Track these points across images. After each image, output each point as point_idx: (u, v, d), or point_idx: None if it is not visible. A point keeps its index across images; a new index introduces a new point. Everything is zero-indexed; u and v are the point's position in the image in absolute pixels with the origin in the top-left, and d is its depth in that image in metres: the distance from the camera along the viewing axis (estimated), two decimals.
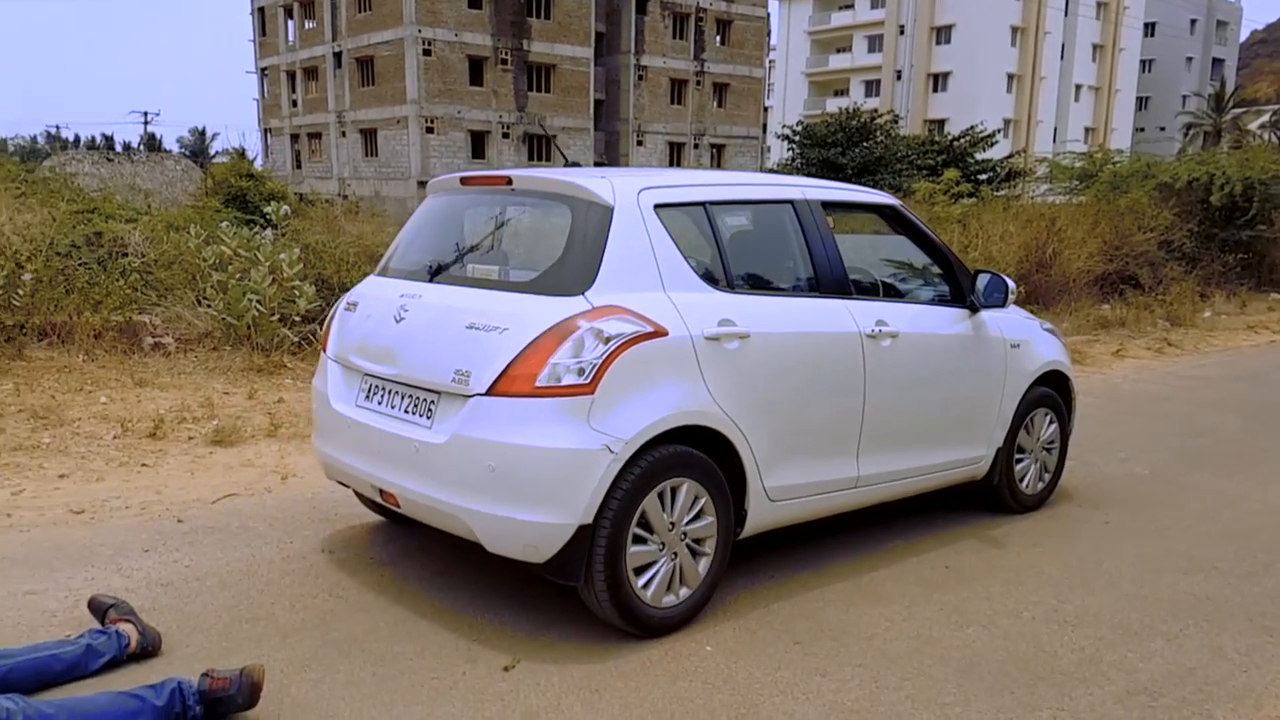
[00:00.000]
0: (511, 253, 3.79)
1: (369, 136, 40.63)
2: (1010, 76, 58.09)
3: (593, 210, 3.30)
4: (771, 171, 48.44)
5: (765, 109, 52.08)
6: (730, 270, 3.57)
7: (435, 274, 3.65)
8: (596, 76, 42.58)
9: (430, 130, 38.01)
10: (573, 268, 3.25)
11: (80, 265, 8.71)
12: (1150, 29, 67.44)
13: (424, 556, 3.98)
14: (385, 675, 2.96)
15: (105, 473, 4.93)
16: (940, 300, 4.44)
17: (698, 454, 3.30)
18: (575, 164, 38.10)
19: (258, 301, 7.63)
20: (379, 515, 4.34)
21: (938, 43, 58.70)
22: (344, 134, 41.97)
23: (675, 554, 3.31)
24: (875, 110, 33.32)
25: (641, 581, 3.22)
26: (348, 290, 8.41)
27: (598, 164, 42.60)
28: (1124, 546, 4.35)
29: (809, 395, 3.69)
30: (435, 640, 3.20)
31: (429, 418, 3.27)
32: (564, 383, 3.02)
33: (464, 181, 3.85)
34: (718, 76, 46.38)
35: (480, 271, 3.64)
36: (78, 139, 58.93)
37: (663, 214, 3.40)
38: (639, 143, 44.40)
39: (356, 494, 4.21)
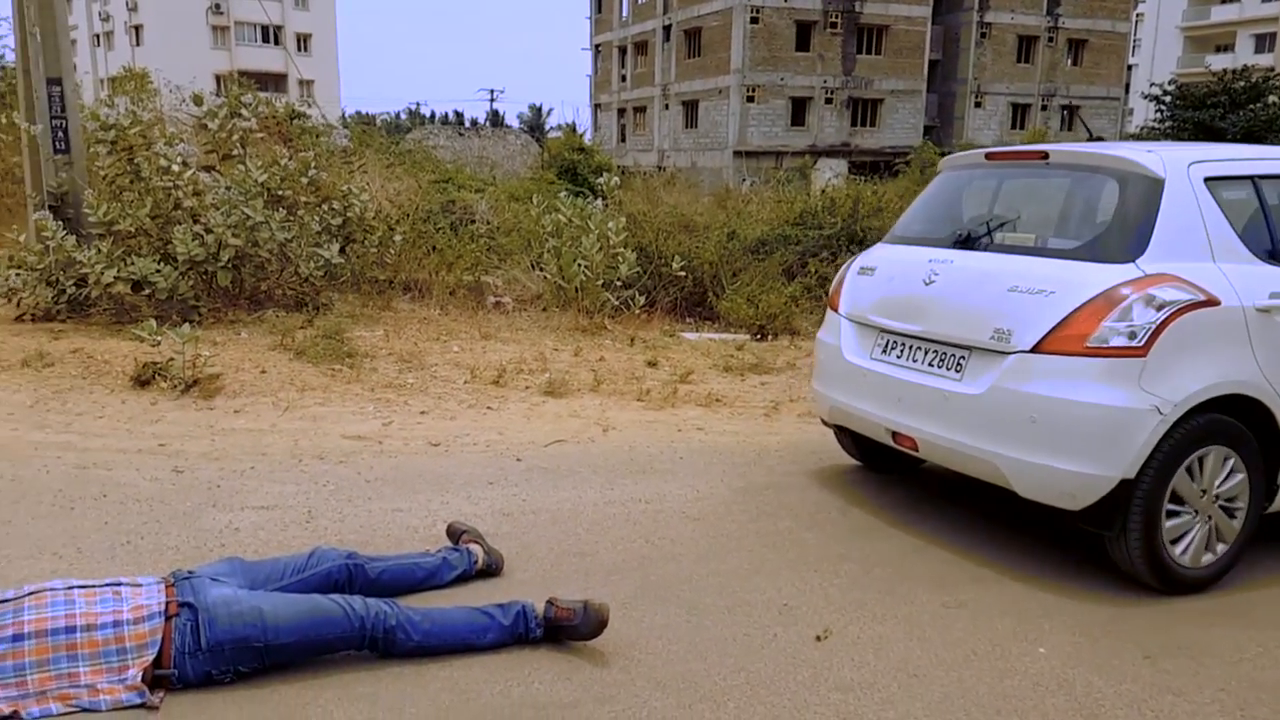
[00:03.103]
0: (1046, 222, 3.95)
1: (690, 108, 41.58)
2: None
3: (1143, 182, 3.44)
4: (1134, 136, 43.31)
5: (1128, 67, 46.73)
6: None
7: (963, 242, 3.92)
8: (933, 35, 40.43)
9: (751, 99, 38.14)
10: (1122, 237, 3.41)
11: (437, 230, 9.78)
12: None
13: (728, 518, 4.03)
14: (698, 625, 3.04)
15: (457, 412, 5.49)
16: None
17: (1237, 423, 3.36)
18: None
19: (585, 267, 8.13)
20: (855, 460, 4.77)
21: None
22: (667, 106, 43.32)
23: (1208, 518, 3.39)
24: (1270, 69, 28.69)
25: (1172, 539, 3.33)
26: (664, 258, 8.82)
27: (928, 128, 40.55)
28: None
29: None
30: (747, 599, 3.23)
31: (958, 371, 3.59)
32: (1112, 344, 3.20)
33: (989, 157, 4.17)
34: (1074, 32, 42.08)
35: (1014, 239, 3.83)
36: (433, 114, 66.16)
37: (1212, 186, 3.48)
38: (977, 104, 41.61)
39: (840, 439, 4.69)
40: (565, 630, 2.82)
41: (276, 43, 51.71)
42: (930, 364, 3.70)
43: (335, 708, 2.49)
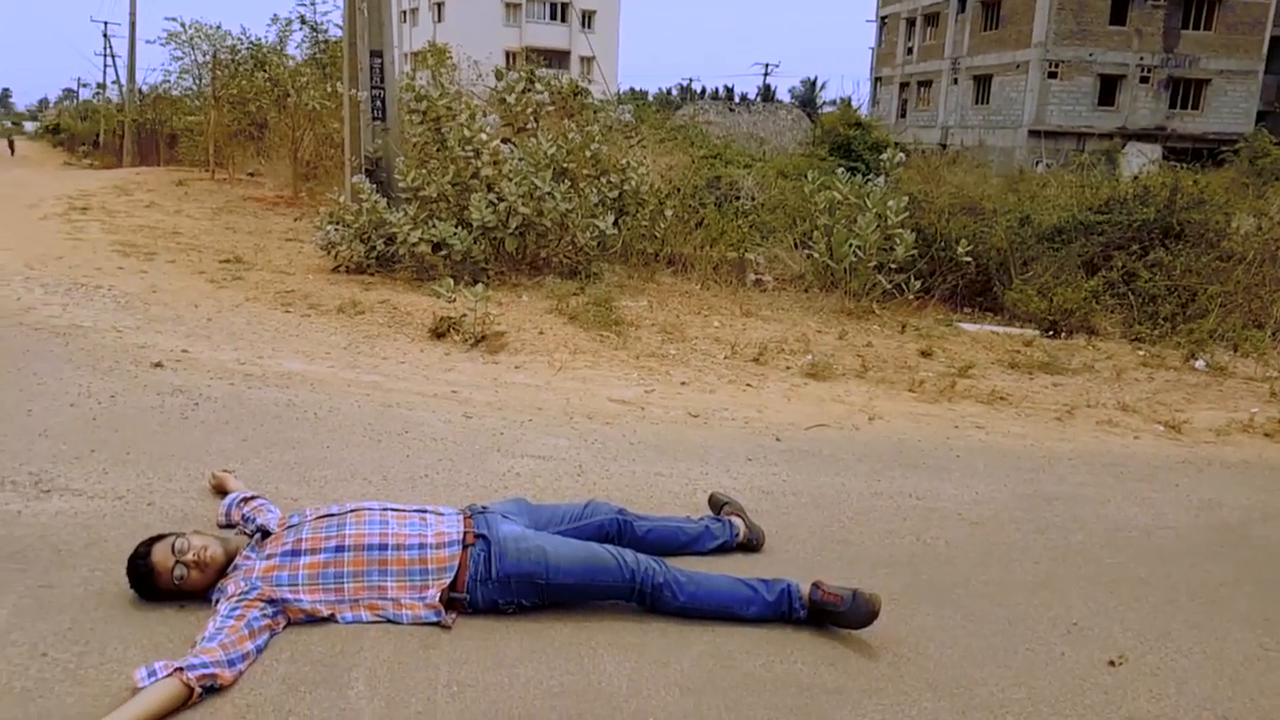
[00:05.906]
0: None
1: (982, 83, 38.91)
2: None
3: None
4: None
5: None
6: None
7: None
8: (1277, 10, 35.54)
9: (1053, 75, 35.15)
10: None
11: (703, 205, 9.89)
12: None
13: (1011, 526, 3.76)
14: (974, 631, 2.85)
15: (716, 386, 5.53)
16: None
17: None
18: None
19: (857, 247, 7.89)
20: None
21: None
22: (955, 81, 40.76)
23: None
24: None
25: None
26: (945, 241, 8.36)
27: (1263, 113, 35.62)
28: None
29: None
30: (1030, 613, 2.99)
31: None
32: None
33: None
34: None
35: None
36: (703, 90, 66.97)
37: None
38: None
39: None
40: (831, 615, 2.74)
41: (563, 20, 54.26)
42: None
43: (605, 652, 2.57)
